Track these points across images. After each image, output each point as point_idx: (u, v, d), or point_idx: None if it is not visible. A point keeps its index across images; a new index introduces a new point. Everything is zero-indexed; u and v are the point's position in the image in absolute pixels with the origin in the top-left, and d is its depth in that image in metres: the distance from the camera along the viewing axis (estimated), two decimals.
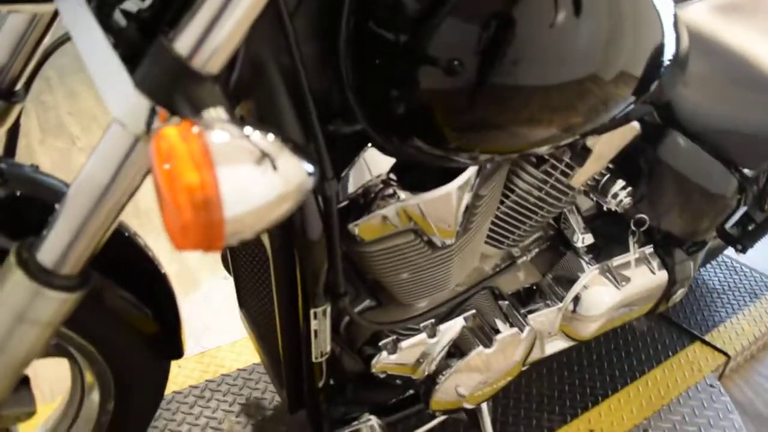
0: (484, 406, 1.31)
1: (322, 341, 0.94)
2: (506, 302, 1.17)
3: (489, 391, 1.20)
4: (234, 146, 0.46)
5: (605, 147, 1.06)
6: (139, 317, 0.94)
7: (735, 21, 1.40)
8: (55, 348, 0.96)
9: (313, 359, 0.97)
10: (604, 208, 1.27)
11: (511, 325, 1.13)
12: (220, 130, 0.46)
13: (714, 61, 1.32)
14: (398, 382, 1.13)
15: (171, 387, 1.48)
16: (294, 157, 0.50)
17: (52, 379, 1.47)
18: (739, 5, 1.44)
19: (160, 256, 0.98)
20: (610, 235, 1.34)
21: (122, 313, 0.92)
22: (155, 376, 1.04)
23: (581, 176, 1.09)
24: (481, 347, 1.09)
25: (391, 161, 0.84)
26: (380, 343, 1.05)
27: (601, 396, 1.57)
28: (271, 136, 0.49)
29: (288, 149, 0.50)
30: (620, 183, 1.22)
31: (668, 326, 1.82)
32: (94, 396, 1.02)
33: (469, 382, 1.12)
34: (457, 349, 1.12)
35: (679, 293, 1.43)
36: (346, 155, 0.83)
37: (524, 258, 1.23)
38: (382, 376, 1.08)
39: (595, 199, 1.28)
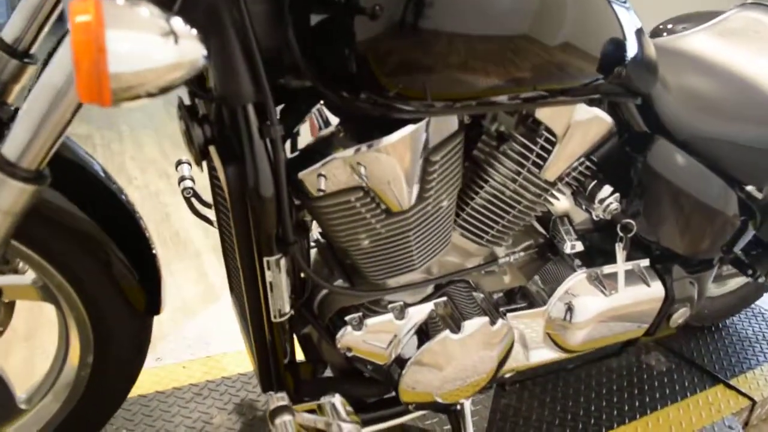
0: (467, 408, 1.28)
1: (278, 297, 0.98)
2: (481, 295, 1.18)
3: (465, 389, 1.19)
4: (128, 14, 0.55)
5: (575, 138, 1.09)
6: (118, 265, 1.02)
7: (731, 43, 1.42)
8: (42, 291, 1.04)
9: (272, 318, 1.01)
10: (593, 216, 1.27)
11: (490, 316, 1.13)
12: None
13: (707, 77, 1.34)
14: (368, 367, 1.14)
15: (172, 384, 1.53)
16: (195, 40, 0.58)
17: None
18: (736, 30, 1.46)
19: (188, 278, 1.06)
20: (604, 249, 1.33)
21: (101, 258, 1.00)
22: (133, 331, 1.10)
23: (553, 168, 1.11)
24: (447, 332, 1.09)
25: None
26: (346, 318, 1.08)
27: (605, 428, 1.50)
28: (177, 19, 0.58)
29: (193, 35, 0.58)
30: (607, 189, 1.23)
31: (690, 368, 1.73)
32: (75, 347, 1.09)
33: (439, 374, 1.12)
34: (427, 337, 1.12)
35: (680, 312, 1.38)
36: (301, 111, 0.91)
37: (507, 259, 1.24)
38: (349, 354, 1.09)
39: (584, 207, 1.29)
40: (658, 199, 1.28)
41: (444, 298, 1.14)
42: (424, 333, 1.13)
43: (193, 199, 1.37)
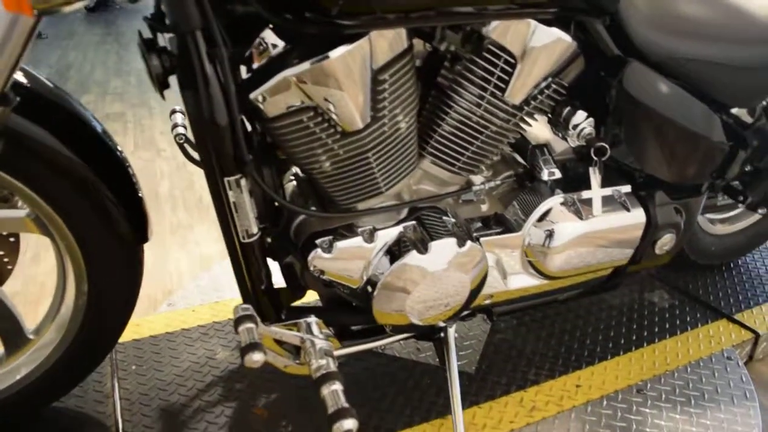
0: (451, 336, 1.32)
1: (244, 217, 1.04)
2: (453, 220, 1.21)
3: (440, 313, 1.22)
4: None
5: (535, 59, 1.10)
6: (103, 198, 1.10)
7: None
8: (37, 224, 1.13)
9: (241, 238, 1.07)
10: (570, 143, 1.28)
11: (458, 238, 1.16)
12: None
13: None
14: (345, 291, 1.19)
15: (181, 326, 1.62)
16: None
17: None
18: None
19: (209, 238, 1.13)
20: (584, 176, 1.33)
21: (87, 191, 1.08)
22: (124, 260, 1.18)
23: (517, 91, 1.13)
24: (414, 252, 1.13)
25: None
26: (317, 241, 1.13)
27: (599, 358, 1.51)
28: None
29: None
30: (581, 114, 1.24)
31: (694, 304, 1.72)
32: (71, 278, 1.18)
33: (409, 295, 1.15)
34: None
35: (665, 239, 1.37)
36: (251, 35, 0.96)
37: (482, 186, 1.26)
38: (323, 277, 1.15)
39: (560, 134, 1.31)
40: (637, 124, 1.28)
41: (413, 222, 1.17)
42: (394, 256, 1.17)
43: (186, 145, 1.45)
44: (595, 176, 1.27)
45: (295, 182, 1.25)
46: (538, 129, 1.37)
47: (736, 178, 1.54)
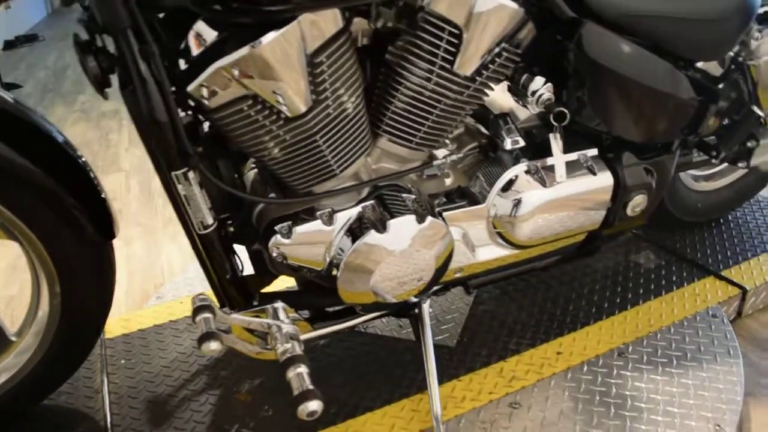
0: (425, 310, 1.32)
1: (196, 210, 1.05)
2: (412, 196, 1.20)
3: (409, 290, 1.22)
4: None
5: (480, 28, 1.08)
6: (62, 199, 1.11)
7: None
8: (3, 230, 1.15)
9: (197, 230, 1.08)
10: (531, 110, 1.27)
11: (417, 215, 1.16)
12: None
13: None
14: (310, 274, 1.20)
15: (168, 317, 1.65)
16: None
17: None
18: None
19: None
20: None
21: (45, 194, 1.10)
22: (93, 258, 1.20)
23: (467, 62, 1.11)
24: (373, 231, 1.13)
25: None
26: (276, 227, 1.13)
27: (581, 324, 1.51)
28: None
29: None
30: (539, 80, 1.22)
31: (680, 263, 1.70)
32: (43, 279, 1.21)
33: (373, 273, 1.16)
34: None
35: (637, 200, 1.35)
36: (184, 28, 0.96)
37: (443, 160, 1.25)
38: (285, 262, 1.15)
39: (520, 102, 1.29)
40: (597, 86, 1.26)
41: (372, 201, 1.17)
42: (356, 236, 1.18)
43: None
44: (556, 142, 1.25)
45: (256, 169, 1.25)
46: (502, 97, 1.36)
47: (712, 133, 1.52)
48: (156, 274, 2.00)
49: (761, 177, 1.79)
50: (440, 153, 1.28)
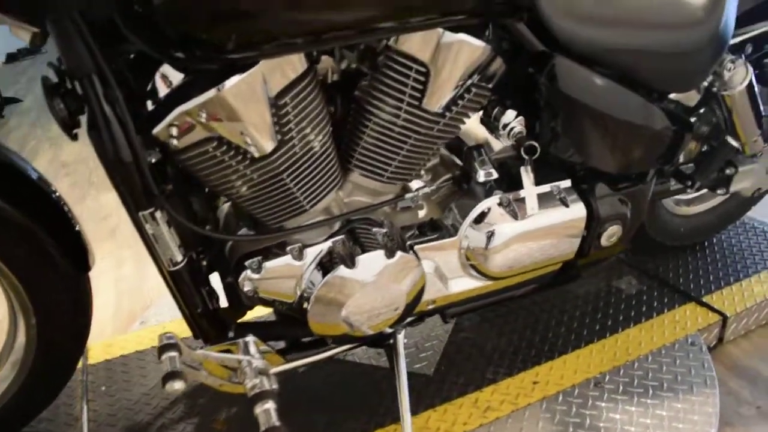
0: (400, 341, 1.33)
1: (165, 248, 1.06)
2: (383, 230, 1.21)
3: (381, 322, 1.23)
4: None
5: (447, 66, 1.09)
6: (35, 233, 1.13)
7: None
8: None
9: (166, 267, 1.09)
10: (503, 143, 1.28)
11: (386, 250, 1.17)
12: None
13: None
14: (280, 307, 1.21)
15: (150, 343, 1.66)
16: None
17: None
18: None
19: None
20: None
21: (17, 229, 1.11)
22: (68, 290, 1.21)
23: (435, 99, 1.12)
24: (342, 267, 1.14)
25: None
26: (246, 262, 1.14)
27: (559, 352, 1.51)
28: None
29: None
30: (510, 113, 1.23)
31: (662, 288, 1.70)
32: (19, 311, 1.22)
33: (343, 308, 1.17)
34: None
35: (611, 231, 1.35)
36: (149, 71, 0.98)
37: (415, 193, 1.26)
38: (255, 296, 1.16)
39: (493, 134, 1.30)
40: (570, 119, 1.26)
41: (342, 236, 1.18)
42: (327, 270, 1.18)
43: None
44: (527, 175, 1.25)
45: (229, 203, 1.26)
46: (477, 128, 1.37)
47: (690, 161, 1.52)
48: (144, 296, 2.02)
49: (743, 201, 1.79)
50: (414, 185, 1.29)
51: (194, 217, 1.20)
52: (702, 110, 1.42)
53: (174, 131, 0.97)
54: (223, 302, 1.23)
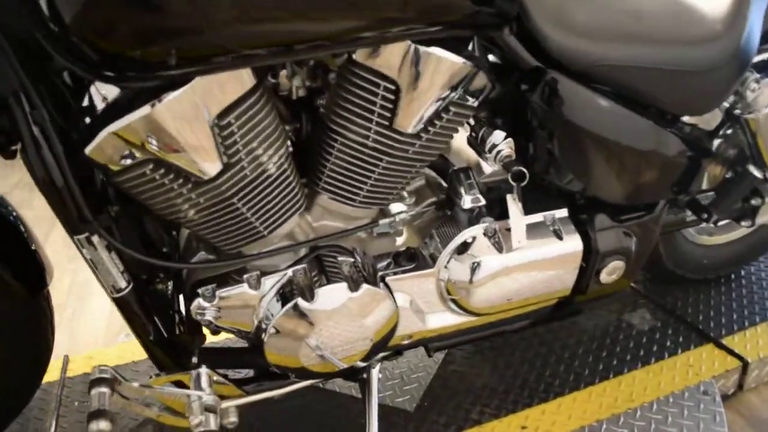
0: (374, 376, 1.23)
1: (105, 274, 0.99)
2: (351, 260, 1.11)
3: (348, 356, 1.13)
4: None
5: (420, 83, 0.98)
6: None
7: None
8: None
9: (110, 294, 1.02)
10: (487, 164, 1.17)
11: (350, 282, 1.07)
12: None
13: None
14: (239, 335, 1.13)
15: (131, 357, 1.60)
16: None
17: None
18: None
19: None
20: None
21: None
22: (23, 310, 1.16)
23: (407, 118, 1.01)
24: (299, 300, 1.05)
25: None
26: (199, 290, 1.06)
27: (554, 393, 1.38)
28: None
29: None
30: (499, 134, 1.12)
31: (678, 325, 1.54)
32: None
33: (301, 342, 1.08)
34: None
35: (612, 267, 1.22)
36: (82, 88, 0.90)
37: (391, 219, 1.15)
38: (210, 325, 1.08)
39: (480, 156, 1.19)
40: (565, 143, 1.14)
41: (303, 265, 1.08)
42: (286, 301, 1.09)
43: None
44: (514, 204, 1.13)
45: None
46: (468, 148, 1.26)
47: (710, 189, 1.37)
48: None
49: None
50: (395, 208, 1.19)
51: (148, 240, 1.13)
52: (721, 135, 1.26)
53: (105, 153, 0.89)
54: None
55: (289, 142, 1.02)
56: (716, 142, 1.26)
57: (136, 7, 0.79)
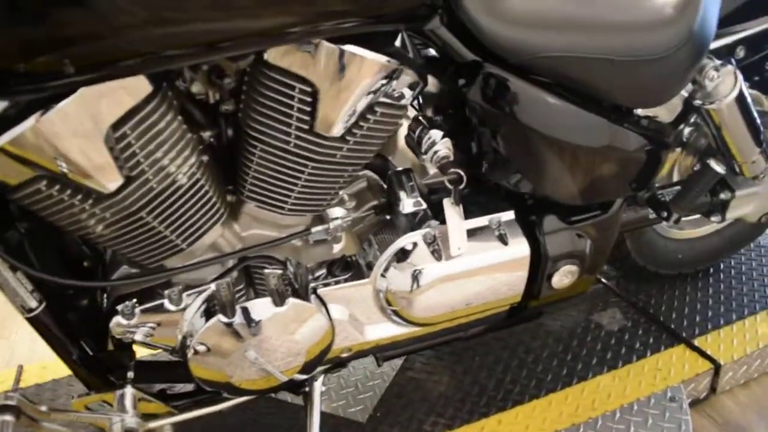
0: (316, 389, 1.18)
1: (12, 294, 0.94)
2: (278, 271, 1.05)
3: (282, 372, 1.08)
4: None
5: (338, 82, 0.91)
6: None
7: None
8: None
9: (21, 314, 0.97)
10: (427, 167, 1.10)
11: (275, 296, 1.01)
12: None
13: None
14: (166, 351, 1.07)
15: None
16: None
17: None
18: None
19: None
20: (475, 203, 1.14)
21: None
22: None
23: (329, 121, 0.94)
24: (219, 317, 0.99)
25: None
26: (118, 306, 1.01)
27: (513, 402, 1.31)
28: None
29: None
30: (436, 134, 1.04)
31: (649, 326, 1.47)
32: None
33: (227, 359, 1.02)
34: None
35: (564, 271, 1.15)
36: None
37: (325, 226, 1.09)
38: (133, 342, 1.03)
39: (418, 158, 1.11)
40: (507, 142, 1.07)
41: (227, 279, 1.02)
42: (210, 316, 1.03)
43: None
44: (452, 208, 1.06)
45: None
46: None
47: (675, 184, 1.28)
48: None
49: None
50: (334, 213, 1.12)
51: (70, 253, 1.08)
52: (683, 127, 1.18)
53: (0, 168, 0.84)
54: None
55: (201, 150, 0.96)
56: (677, 134, 1.17)
57: (11, 20, 0.73)
